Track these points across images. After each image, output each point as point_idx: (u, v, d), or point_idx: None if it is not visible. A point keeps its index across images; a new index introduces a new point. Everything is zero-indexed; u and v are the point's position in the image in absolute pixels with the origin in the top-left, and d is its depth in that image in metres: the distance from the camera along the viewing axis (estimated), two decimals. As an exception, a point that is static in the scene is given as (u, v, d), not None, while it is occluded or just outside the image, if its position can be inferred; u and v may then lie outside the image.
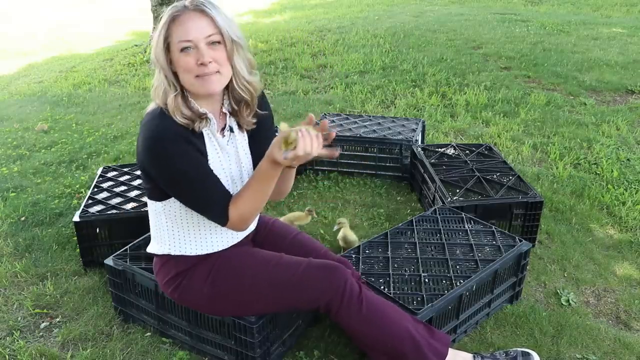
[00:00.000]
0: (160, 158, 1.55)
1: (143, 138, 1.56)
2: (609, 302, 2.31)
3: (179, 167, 1.56)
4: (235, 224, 1.63)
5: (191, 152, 1.57)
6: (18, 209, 3.08)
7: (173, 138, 1.54)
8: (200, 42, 1.52)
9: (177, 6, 1.55)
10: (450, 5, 10.95)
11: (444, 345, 1.76)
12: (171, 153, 1.54)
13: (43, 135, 4.44)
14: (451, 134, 4.16)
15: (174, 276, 1.77)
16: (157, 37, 1.55)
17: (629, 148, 3.88)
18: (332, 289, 1.67)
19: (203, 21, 1.53)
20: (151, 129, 1.55)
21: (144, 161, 1.59)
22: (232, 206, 1.61)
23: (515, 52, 6.54)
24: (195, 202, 1.62)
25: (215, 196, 1.61)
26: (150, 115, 1.59)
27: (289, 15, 10.58)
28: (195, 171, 1.58)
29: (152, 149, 1.54)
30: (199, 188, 1.58)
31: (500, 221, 2.56)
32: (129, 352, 2.00)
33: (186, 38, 1.52)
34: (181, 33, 1.52)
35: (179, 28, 1.52)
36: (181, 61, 1.53)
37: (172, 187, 1.62)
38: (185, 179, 1.57)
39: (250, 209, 1.62)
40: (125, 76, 6.39)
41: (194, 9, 1.54)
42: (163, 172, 1.58)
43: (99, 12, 13.17)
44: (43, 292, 2.36)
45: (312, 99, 5.08)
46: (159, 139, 1.54)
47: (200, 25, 1.53)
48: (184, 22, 1.52)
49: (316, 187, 3.31)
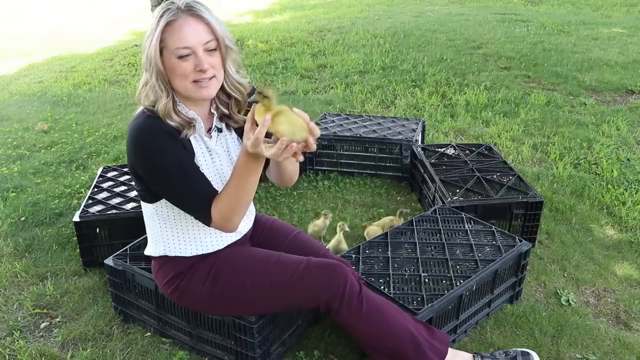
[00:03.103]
0: (145, 153, 1.55)
1: (129, 136, 1.56)
2: (609, 302, 2.31)
3: (164, 161, 1.55)
4: (218, 224, 1.58)
5: (176, 147, 1.57)
6: (18, 209, 3.08)
7: (158, 133, 1.54)
8: (198, 49, 1.51)
9: (171, 9, 1.51)
10: (450, 5, 10.95)
11: (444, 345, 1.77)
12: (156, 147, 1.54)
13: (43, 135, 4.44)
14: (451, 134, 4.16)
15: (173, 277, 1.77)
16: (152, 41, 1.51)
17: (629, 148, 3.88)
18: (333, 287, 1.67)
19: (200, 27, 1.52)
20: (137, 126, 1.55)
21: (131, 159, 1.60)
22: (213, 206, 1.57)
23: (515, 52, 6.54)
24: (179, 198, 1.60)
25: (199, 194, 1.58)
26: (135, 117, 1.59)
27: (289, 15, 10.58)
28: (180, 166, 1.57)
29: (137, 144, 1.55)
30: (183, 184, 1.57)
31: (500, 221, 2.56)
32: (129, 352, 2.00)
33: (184, 45, 1.50)
34: (178, 40, 1.50)
35: (176, 34, 1.50)
36: (178, 67, 1.52)
37: (157, 183, 1.60)
38: (170, 174, 1.56)
39: (232, 208, 1.56)
40: (125, 76, 6.39)
41: (190, 14, 1.51)
42: (148, 167, 1.57)
43: (99, 12, 13.17)
44: (43, 292, 2.36)
45: (312, 99, 5.08)
46: (143, 134, 1.54)
47: (197, 30, 1.52)
48: (180, 28, 1.50)
49: (316, 187, 3.31)
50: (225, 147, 1.74)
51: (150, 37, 1.52)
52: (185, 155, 1.59)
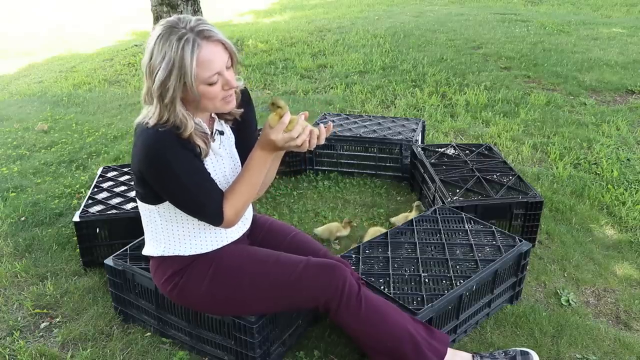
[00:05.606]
0: (159, 166, 1.55)
1: (142, 145, 1.55)
2: (609, 302, 2.31)
3: (178, 174, 1.56)
4: (230, 221, 1.65)
5: (190, 158, 1.58)
6: (18, 209, 3.08)
7: (170, 145, 1.54)
8: (223, 71, 1.55)
9: (187, 36, 1.47)
10: (450, 5, 10.96)
11: (444, 345, 1.77)
12: (170, 160, 1.54)
13: (43, 135, 4.44)
14: (451, 134, 4.16)
15: (171, 275, 1.77)
16: (187, 76, 1.48)
17: (629, 148, 3.88)
18: (331, 287, 1.68)
19: (219, 49, 1.54)
20: (150, 137, 1.54)
21: (141, 168, 1.59)
22: (226, 203, 1.63)
23: (515, 52, 6.54)
24: (191, 206, 1.63)
25: (212, 199, 1.62)
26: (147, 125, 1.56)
27: (289, 15, 10.59)
28: (194, 176, 1.59)
29: (150, 157, 1.54)
30: (196, 193, 1.60)
31: (500, 221, 2.56)
32: (129, 352, 2.00)
33: (214, 72, 1.52)
34: (208, 69, 1.51)
35: (205, 65, 1.50)
36: (208, 92, 1.54)
37: (169, 193, 1.62)
38: (184, 186, 1.58)
39: (244, 202, 1.66)
40: (125, 76, 6.39)
41: (209, 40, 1.51)
42: (161, 178, 1.58)
43: (99, 12, 13.17)
44: (43, 292, 2.36)
45: (312, 99, 5.08)
46: (157, 147, 1.53)
47: (219, 54, 1.54)
48: (207, 58, 1.50)
49: (316, 187, 3.31)
50: (227, 150, 1.77)
51: (179, 71, 1.48)
52: (198, 164, 1.61)
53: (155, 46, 1.50)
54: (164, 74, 1.49)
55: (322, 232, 2.67)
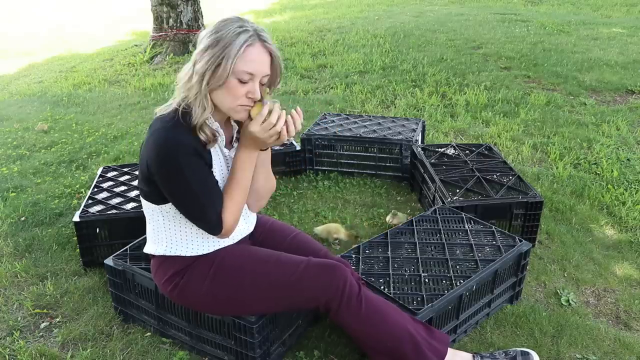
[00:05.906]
0: (170, 169, 1.56)
1: (156, 145, 1.55)
2: (609, 302, 2.31)
3: (188, 179, 1.56)
4: (228, 230, 1.66)
5: (201, 165, 1.59)
6: (18, 209, 3.08)
7: (185, 151, 1.55)
8: (257, 78, 1.56)
9: (248, 31, 1.52)
10: (450, 5, 10.96)
11: (443, 345, 1.77)
12: (182, 165, 1.55)
13: (43, 135, 4.44)
14: (451, 134, 4.16)
15: (172, 275, 1.77)
16: (228, 60, 1.50)
17: (629, 148, 3.88)
18: (332, 287, 1.68)
19: (266, 58, 1.57)
20: (165, 137, 1.54)
21: (151, 168, 1.59)
22: (225, 212, 1.64)
23: (515, 52, 6.54)
24: (193, 213, 1.64)
25: (214, 208, 1.63)
26: (162, 122, 1.57)
27: (289, 15, 10.58)
28: (202, 185, 1.59)
29: (162, 158, 1.55)
30: (201, 201, 1.60)
31: (500, 221, 2.56)
32: (129, 352, 2.00)
33: (250, 71, 1.53)
34: (248, 64, 1.53)
35: (248, 58, 1.52)
36: (233, 88, 1.54)
37: (174, 196, 1.63)
38: (191, 192, 1.58)
39: (238, 206, 1.67)
40: (125, 76, 6.38)
41: (263, 45, 1.55)
42: (170, 181, 1.59)
43: (99, 12, 13.16)
44: (43, 292, 2.36)
45: (312, 99, 5.09)
46: (172, 150, 1.54)
47: (264, 61, 1.56)
48: (253, 54, 1.53)
49: (316, 187, 3.31)
50: None
51: (225, 54, 1.51)
52: (207, 173, 1.62)
53: (218, 23, 1.55)
54: (209, 42, 1.52)
55: (321, 231, 2.67)
